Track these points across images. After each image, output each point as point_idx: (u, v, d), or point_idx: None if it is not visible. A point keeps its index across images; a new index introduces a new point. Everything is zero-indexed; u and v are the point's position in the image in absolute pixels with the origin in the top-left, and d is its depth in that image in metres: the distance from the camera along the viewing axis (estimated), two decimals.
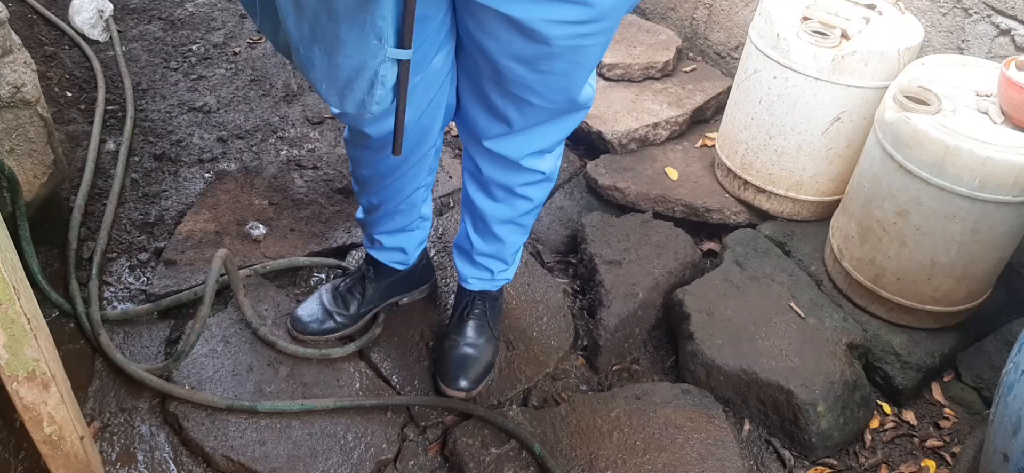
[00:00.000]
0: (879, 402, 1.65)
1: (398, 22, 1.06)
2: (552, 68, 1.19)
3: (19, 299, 0.95)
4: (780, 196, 1.91)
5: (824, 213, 1.92)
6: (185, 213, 1.87)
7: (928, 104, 1.53)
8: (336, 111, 1.19)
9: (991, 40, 1.70)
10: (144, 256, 1.77)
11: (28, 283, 1.08)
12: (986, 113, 1.52)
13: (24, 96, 1.46)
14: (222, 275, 1.50)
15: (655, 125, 2.20)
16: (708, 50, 2.44)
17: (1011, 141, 1.44)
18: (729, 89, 2.09)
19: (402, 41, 1.07)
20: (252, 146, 2.14)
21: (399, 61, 1.10)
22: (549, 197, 1.98)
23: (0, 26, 1.43)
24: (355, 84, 1.11)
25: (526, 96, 1.25)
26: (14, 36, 1.49)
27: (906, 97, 1.55)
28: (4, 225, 1.03)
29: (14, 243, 1.21)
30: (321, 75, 1.13)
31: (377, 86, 1.11)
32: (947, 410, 1.65)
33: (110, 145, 2.05)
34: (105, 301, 1.65)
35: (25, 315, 0.96)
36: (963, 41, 1.75)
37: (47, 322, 1.17)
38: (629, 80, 2.39)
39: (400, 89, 1.13)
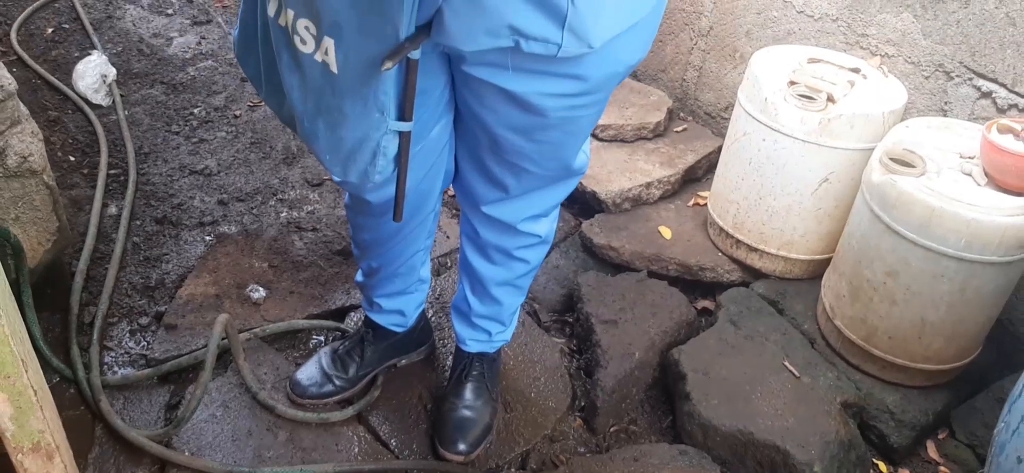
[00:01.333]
0: (875, 461, 1.66)
1: (399, 96, 1.10)
2: (548, 138, 1.23)
3: (26, 371, 0.97)
4: (772, 255, 1.94)
5: (816, 271, 1.95)
6: (186, 276, 1.89)
7: (913, 166, 1.57)
8: (338, 180, 1.22)
9: (973, 102, 1.76)
10: (145, 320, 1.79)
11: (35, 354, 1.10)
12: (970, 175, 1.56)
13: (31, 165, 1.49)
14: (222, 339, 1.52)
15: (648, 184, 2.25)
16: (698, 110, 2.50)
17: (995, 203, 1.48)
18: (720, 148, 2.14)
19: (403, 114, 1.11)
20: (252, 208, 2.17)
21: (400, 133, 1.14)
22: (545, 257, 2.01)
23: (9, 98, 1.47)
24: (358, 155, 1.15)
25: (523, 164, 1.29)
26: (22, 107, 1.53)
27: (891, 159, 1.59)
28: (12, 295, 1.06)
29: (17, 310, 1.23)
30: (325, 147, 1.17)
31: (379, 157, 1.15)
32: (942, 468, 1.66)
33: (112, 209, 2.08)
34: (106, 366, 1.66)
35: (32, 387, 0.97)
36: (946, 103, 1.80)
37: (49, 387, 1.18)
38: (622, 140, 2.44)
39: (401, 159, 1.17)
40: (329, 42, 1.03)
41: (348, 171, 1.17)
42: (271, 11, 1.10)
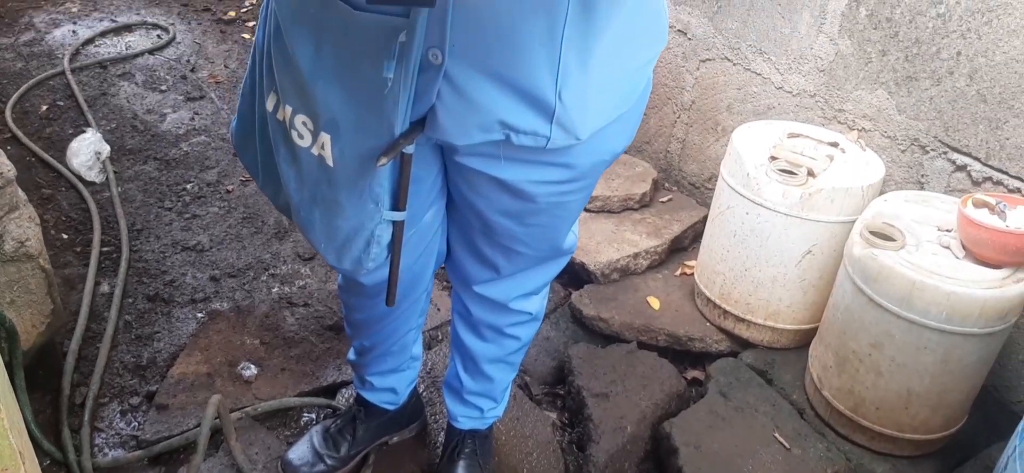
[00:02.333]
0: None
1: (394, 187, 1.13)
2: (538, 221, 1.27)
3: (24, 463, 0.97)
4: (759, 325, 1.97)
5: (802, 340, 1.98)
6: (177, 355, 1.90)
7: (893, 239, 1.62)
8: (333, 266, 1.25)
9: (949, 175, 1.81)
10: (136, 400, 1.78)
11: (31, 444, 1.10)
12: (948, 247, 1.61)
13: (28, 250, 1.51)
14: (214, 418, 1.52)
15: (635, 255, 2.28)
16: (683, 181, 2.55)
17: (973, 276, 1.52)
18: (705, 218, 2.18)
19: (398, 204, 1.15)
20: (244, 284, 2.19)
21: (394, 222, 1.17)
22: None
23: (8, 184, 1.49)
24: (353, 244, 1.18)
25: (514, 246, 1.32)
26: (20, 192, 1.56)
27: (871, 233, 1.64)
28: (9, 383, 1.06)
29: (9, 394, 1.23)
30: (320, 235, 1.20)
31: (373, 245, 1.18)
32: None
33: (104, 287, 2.09)
34: (97, 448, 1.65)
35: None
36: (922, 176, 1.86)
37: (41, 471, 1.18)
38: (609, 211, 2.48)
39: (395, 247, 1.20)
40: (326, 137, 1.07)
41: (343, 259, 1.20)
42: (269, 106, 1.14)
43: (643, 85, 1.16)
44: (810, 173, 1.81)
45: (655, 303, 2.15)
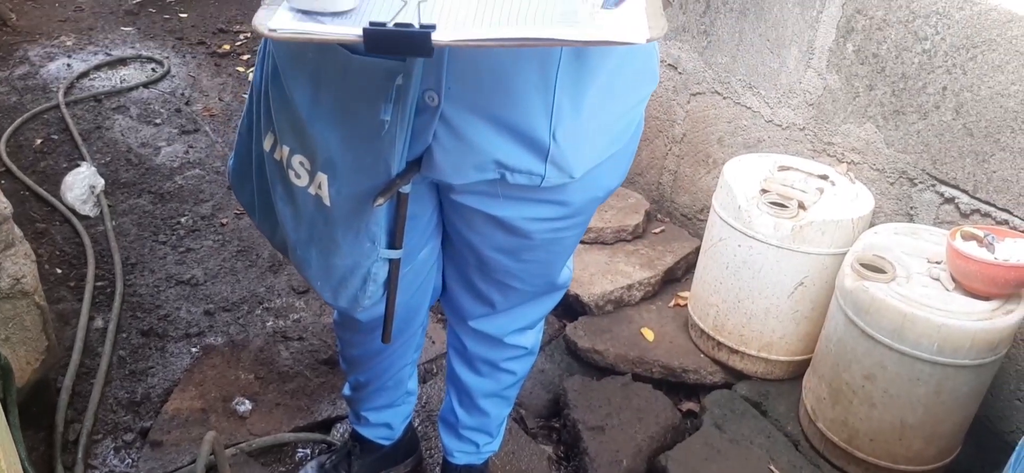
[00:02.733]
0: None
1: (390, 226, 1.14)
2: (533, 257, 1.28)
3: None
4: (753, 357, 1.98)
5: (796, 371, 1.99)
6: (172, 390, 1.89)
7: (884, 272, 1.64)
8: (329, 303, 1.26)
9: (937, 207, 1.84)
10: (130, 437, 1.78)
11: None
12: (938, 279, 1.62)
13: (23, 287, 1.51)
14: (209, 455, 1.52)
15: (629, 286, 2.29)
16: (675, 212, 2.57)
17: (963, 307, 1.54)
18: (697, 249, 2.20)
19: (394, 242, 1.16)
20: (238, 318, 2.19)
21: (390, 260, 1.18)
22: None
23: (5, 221, 1.50)
24: (349, 282, 1.19)
25: (509, 281, 1.33)
26: (16, 229, 1.56)
27: (862, 265, 1.65)
28: (6, 425, 1.06)
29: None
30: (316, 273, 1.20)
31: (370, 283, 1.18)
32: None
33: (98, 322, 2.08)
34: None
35: None
36: (911, 208, 1.88)
37: None
38: (602, 243, 2.50)
39: (391, 284, 1.21)
40: (323, 177, 1.08)
41: (339, 296, 1.21)
42: (266, 146, 1.15)
43: (635, 124, 1.18)
44: (801, 206, 1.83)
45: (649, 335, 2.16)
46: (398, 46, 0.72)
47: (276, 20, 0.75)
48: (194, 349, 2.05)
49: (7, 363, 1.49)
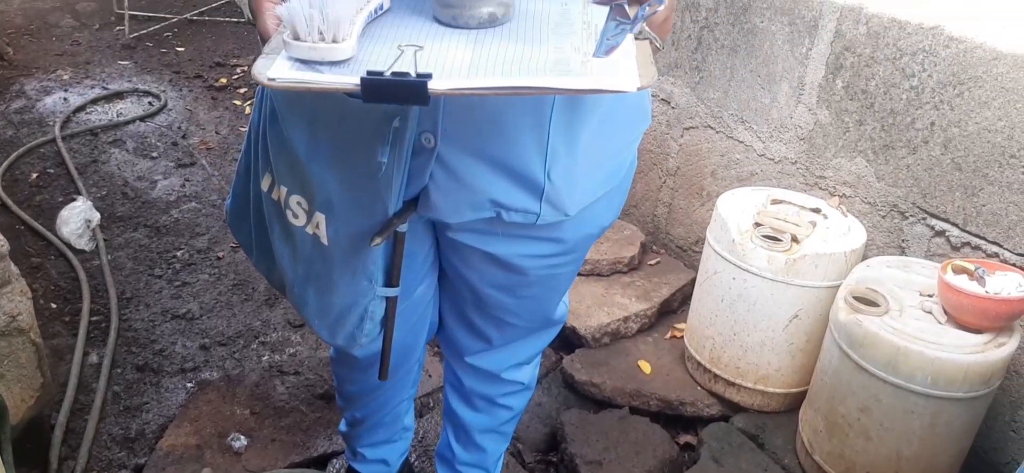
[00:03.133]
0: None
1: (387, 264, 1.15)
2: (529, 293, 1.29)
3: None
4: (749, 389, 1.98)
5: (792, 403, 2.00)
6: (166, 426, 1.89)
7: (877, 304, 1.65)
8: (326, 341, 1.26)
9: (928, 240, 1.85)
10: None
11: None
12: (930, 313, 1.64)
13: (19, 324, 1.52)
14: None
15: (626, 318, 2.30)
16: (670, 244, 2.59)
17: (956, 341, 1.55)
18: (692, 281, 2.21)
19: (391, 280, 1.17)
20: (234, 353, 2.18)
21: (387, 297, 1.19)
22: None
23: (1, 259, 1.50)
24: (346, 320, 1.19)
25: (505, 317, 1.34)
26: (13, 267, 1.56)
27: (855, 298, 1.67)
28: (1, 463, 1.06)
29: None
30: (314, 311, 1.21)
31: (367, 321, 1.19)
32: None
33: (93, 358, 2.08)
34: None
35: None
36: (903, 241, 1.90)
37: None
38: (598, 274, 2.51)
39: (388, 322, 1.22)
40: (320, 217, 1.09)
41: (336, 334, 1.21)
42: (264, 186, 1.17)
43: (629, 162, 1.20)
44: (794, 239, 1.84)
45: (646, 367, 2.17)
46: (395, 95, 0.73)
47: (275, 69, 0.76)
48: (189, 384, 2.05)
49: (2, 401, 1.48)
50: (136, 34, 4.39)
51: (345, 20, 0.77)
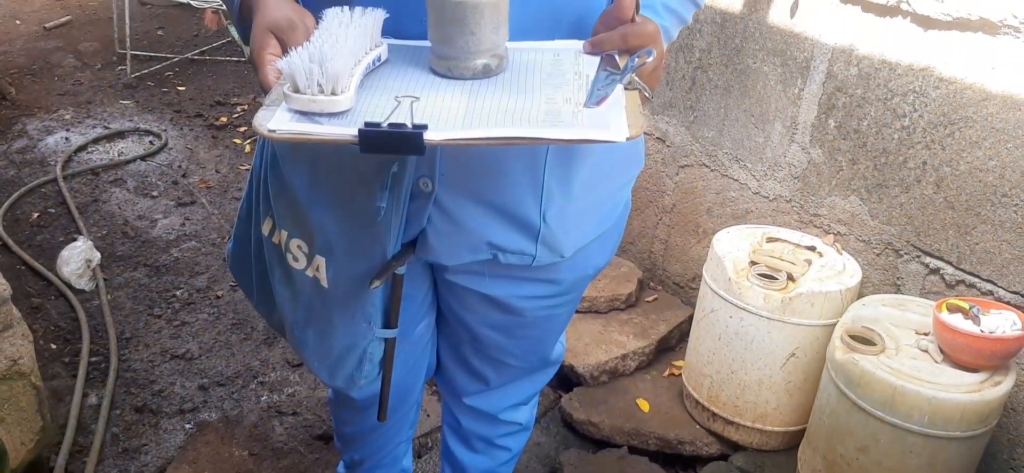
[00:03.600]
0: None
1: (386, 306, 1.17)
2: (526, 334, 1.30)
3: None
4: (748, 427, 1.98)
5: (791, 442, 1.99)
6: (165, 469, 1.88)
7: (873, 343, 1.66)
8: (326, 382, 1.27)
9: (923, 277, 1.87)
10: None
11: None
12: (926, 351, 1.64)
13: (20, 368, 1.52)
14: None
15: (624, 356, 2.30)
16: (667, 281, 2.60)
17: (953, 380, 1.56)
18: (690, 317, 2.21)
19: (389, 322, 1.18)
20: (233, 393, 2.18)
21: (386, 339, 1.20)
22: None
23: (4, 303, 1.51)
24: (345, 361, 1.20)
25: (503, 358, 1.35)
26: (15, 310, 1.57)
27: (851, 337, 1.67)
28: None
29: None
30: (313, 353, 1.22)
31: (366, 363, 1.20)
32: None
33: (92, 399, 2.08)
34: None
35: None
36: (898, 279, 1.91)
37: None
38: (596, 312, 2.51)
39: (386, 363, 1.23)
40: (321, 260, 1.11)
41: (336, 376, 1.22)
42: (265, 230, 1.18)
43: (623, 204, 1.22)
44: (790, 277, 1.86)
45: (645, 405, 2.17)
46: (392, 146, 0.75)
47: (275, 121, 0.78)
48: (188, 425, 2.05)
49: (2, 446, 1.48)
50: (137, 74, 4.44)
51: (344, 73, 0.79)
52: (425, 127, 0.75)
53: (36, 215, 3.02)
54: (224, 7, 4.21)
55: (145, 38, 4.96)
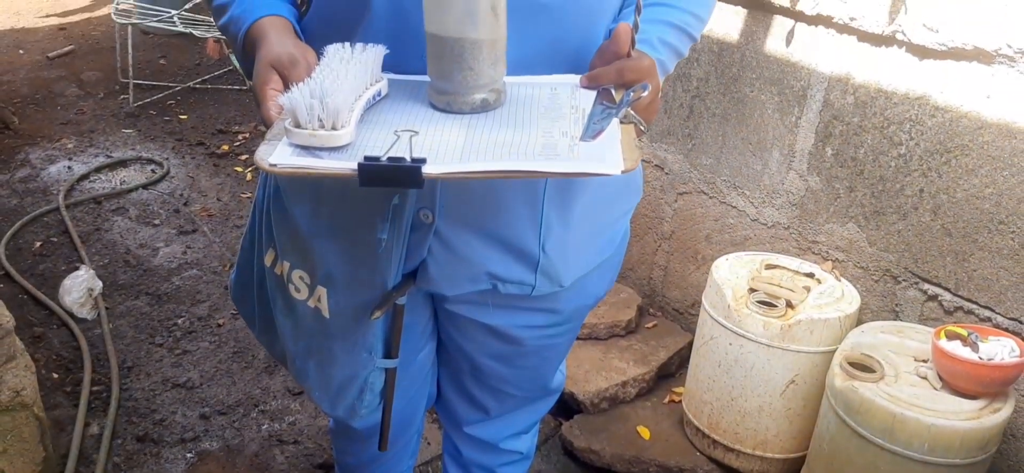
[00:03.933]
0: None
1: (386, 336, 1.18)
2: (526, 363, 1.31)
3: None
4: (748, 454, 1.98)
5: (792, 469, 1.99)
6: None
7: (872, 370, 1.66)
8: (327, 412, 1.28)
9: (921, 304, 1.87)
10: None
11: None
12: (925, 378, 1.65)
13: (23, 400, 1.53)
14: None
15: (624, 383, 2.31)
16: (667, 307, 2.61)
17: (952, 407, 1.56)
18: (689, 343, 2.22)
19: (390, 352, 1.19)
20: (234, 422, 2.18)
21: (387, 368, 1.21)
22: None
23: (7, 335, 1.52)
24: (346, 391, 1.21)
25: (503, 387, 1.36)
26: (17, 342, 1.58)
27: (850, 364, 1.68)
28: None
29: None
30: (314, 383, 1.23)
31: (367, 392, 1.21)
32: None
33: (94, 428, 2.08)
34: None
35: None
36: (896, 305, 1.92)
37: None
38: (596, 338, 2.52)
39: (387, 392, 1.23)
40: (322, 291, 1.12)
41: (337, 406, 1.23)
42: (267, 261, 1.19)
43: (621, 234, 1.23)
44: (789, 304, 1.86)
45: (645, 433, 2.16)
46: (391, 179, 0.76)
47: (276, 155, 0.79)
48: (189, 454, 2.05)
49: None
50: (140, 102, 4.47)
51: (344, 108, 0.81)
52: (424, 161, 0.77)
53: (39, 244, 3.04)
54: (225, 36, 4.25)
55: (147, 67, 5.00)
